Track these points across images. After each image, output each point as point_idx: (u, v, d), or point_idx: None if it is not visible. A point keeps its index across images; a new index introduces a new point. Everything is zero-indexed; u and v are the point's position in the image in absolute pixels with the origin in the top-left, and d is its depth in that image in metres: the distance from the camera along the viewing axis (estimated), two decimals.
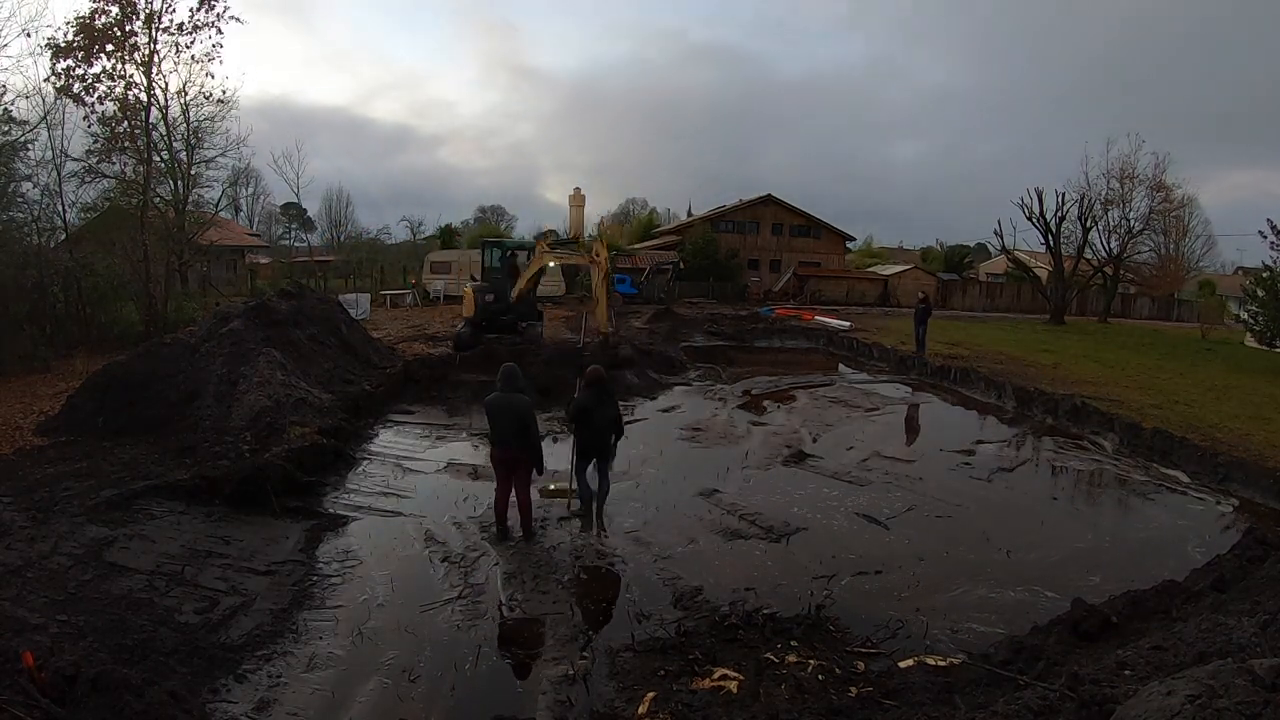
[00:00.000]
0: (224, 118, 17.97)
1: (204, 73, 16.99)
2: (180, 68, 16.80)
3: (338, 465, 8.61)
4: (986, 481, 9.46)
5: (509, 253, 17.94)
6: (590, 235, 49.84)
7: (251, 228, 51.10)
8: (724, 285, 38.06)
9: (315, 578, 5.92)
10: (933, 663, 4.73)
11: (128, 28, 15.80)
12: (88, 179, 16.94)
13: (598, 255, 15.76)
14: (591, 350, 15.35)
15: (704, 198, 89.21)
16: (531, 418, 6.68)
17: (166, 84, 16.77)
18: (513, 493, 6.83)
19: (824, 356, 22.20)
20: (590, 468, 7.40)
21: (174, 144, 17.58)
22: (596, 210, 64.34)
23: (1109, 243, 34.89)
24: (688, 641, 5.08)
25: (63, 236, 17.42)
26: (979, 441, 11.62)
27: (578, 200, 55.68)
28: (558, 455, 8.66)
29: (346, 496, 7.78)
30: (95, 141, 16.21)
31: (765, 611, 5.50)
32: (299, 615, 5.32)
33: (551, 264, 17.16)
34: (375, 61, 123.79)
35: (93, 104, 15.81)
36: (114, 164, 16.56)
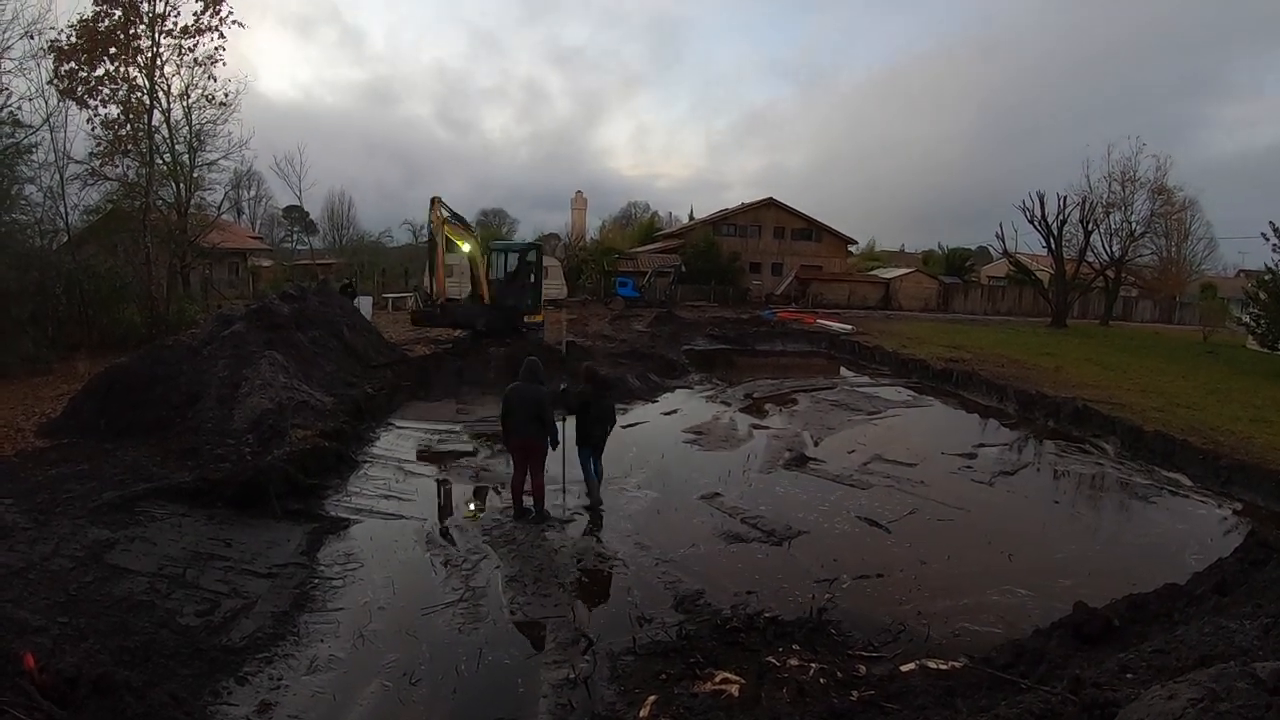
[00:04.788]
0: (226, 120, 18.03)
1: (206, 76, 17.07)
2: (183, 70, 16.87)
3: (340, 468, 8.62)
4: (988, 485, 9.44)
5: (499, 255, 17.91)
6: (592, 238, 49.97)
7: (254, 230, 51.15)
8: (726, 289, 38.08)
9: (317, 580, 5.93)
10: (934, 666, 4.72)
11: (131, 31, 15.86)
12: (90, 182, 16.96)
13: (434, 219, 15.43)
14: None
15: None
16: (548, 405, 7.33)
17: (169, 87, 16.85)
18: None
19: (826, 360, 22.19)
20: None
21: (176, 147, 17.61)
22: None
23: (1110, 246, 34.94)
24: (689, 645, 5.07)
25: (65, 239, 17.41)
26: (980, 445, 11.61)
27: (580, 204, 55.86)
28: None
29: (348, 499, 7.79)
30: (98, 144, 16.27)
31: (767, 615, 5.50)
32: (300, 618, 5.32)
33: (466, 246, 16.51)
34: None
35: (95, 107, 15.87)
36: (116, 167, 16.61)
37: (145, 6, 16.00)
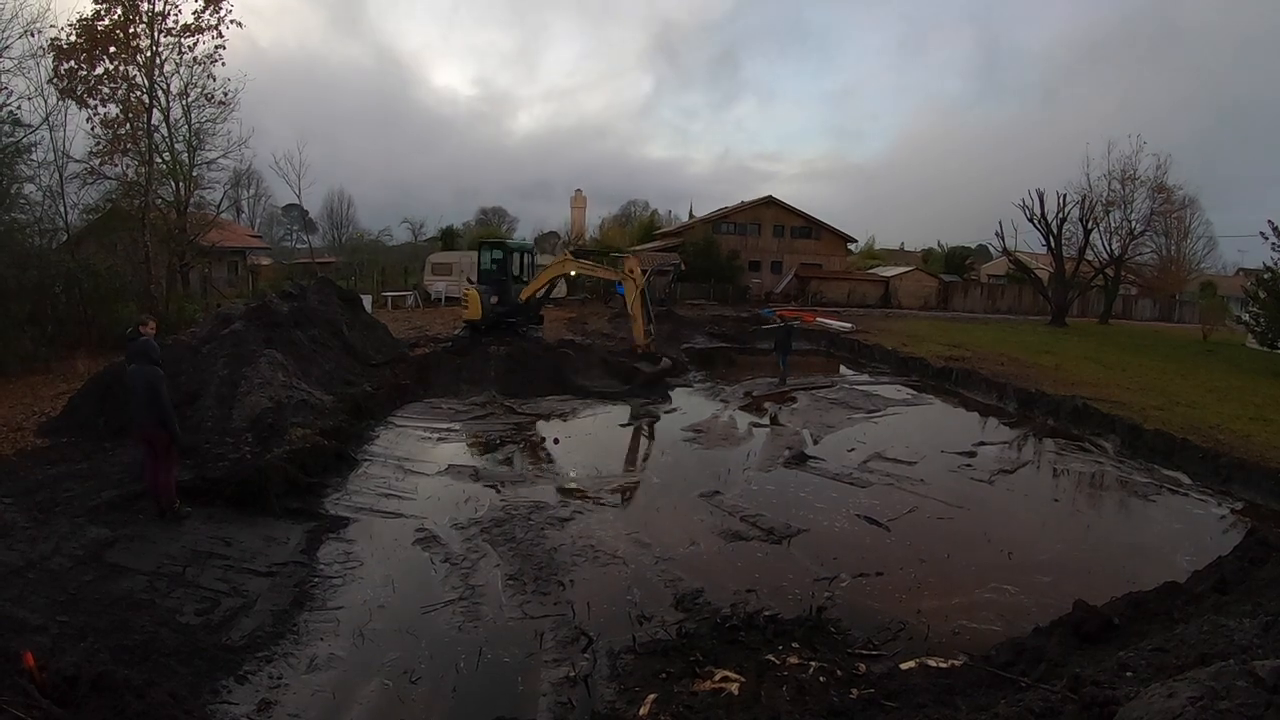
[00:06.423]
0: (225, 119, 18.03)
1: (206, 74, 17.06)
2: (182, 69, 16.87)
3: (339, 466, 8.62)
4: (988, 483, 9.44)
5: (511, 254, 17.91)
6: (591, 237, 49.93)
7: (253, 229, 51.05)
8: (725, 287, 38.04)
9: (316, 579, 5.92)
10: (934, 664, 4.73)
11: (130, 29, 15.84)
12: (90, 180, 16.98)
13: (633, 273, 15.30)
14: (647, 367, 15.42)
15: None
16: (163, 390, 6.37)
17: (168, 85, 16.85)
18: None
19: (825, 358, 22.19)
20: None
21: (176, 145, 17.61)
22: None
23: (1110, 244, 34.90)
24: (689, 643, 5.08)
25: (64, 238, 17.40)
26: (980, 443, 11.61)
27: (579, 202, 55.81)
28: (575, 453, 8.56)
29: (348, 498, 7.79)
30: (97, 143, 16.27)
31: (766, 613, 5.50)
32: (300, 616, 5.32)
33: (573, 273, 17.33)
34: None
35: (95, 106, 15.86)
36: (116, 166, 16.60)
37: (145, 5, 16.00)
